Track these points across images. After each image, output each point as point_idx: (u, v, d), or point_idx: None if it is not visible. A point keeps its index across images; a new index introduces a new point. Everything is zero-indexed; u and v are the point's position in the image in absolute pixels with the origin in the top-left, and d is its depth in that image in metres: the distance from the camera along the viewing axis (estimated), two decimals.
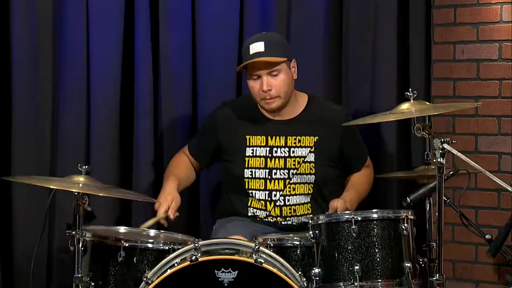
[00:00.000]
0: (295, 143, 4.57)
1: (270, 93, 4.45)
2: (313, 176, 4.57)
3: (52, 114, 4.96)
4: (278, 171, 4.57)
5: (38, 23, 4.93)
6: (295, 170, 4.56)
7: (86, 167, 4.12)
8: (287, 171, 4.57)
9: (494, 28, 4.77)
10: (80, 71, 4.98)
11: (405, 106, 4.22)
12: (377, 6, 5.07)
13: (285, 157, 4.57)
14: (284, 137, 4.57)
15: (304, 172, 4.56)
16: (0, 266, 4.89)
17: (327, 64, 5.19)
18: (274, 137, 4.58)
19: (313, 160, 4.56)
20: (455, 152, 4.00)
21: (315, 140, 4.56)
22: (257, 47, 4.45)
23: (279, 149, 4.57)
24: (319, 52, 5.16)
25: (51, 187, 4.17)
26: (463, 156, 4.08)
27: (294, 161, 4.56)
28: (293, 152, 4.57)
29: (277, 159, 4.57)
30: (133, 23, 5.04)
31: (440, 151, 3.93)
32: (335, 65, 5.20)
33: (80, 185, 4.01)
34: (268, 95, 4.46)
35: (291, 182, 4.57)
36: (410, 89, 4.26)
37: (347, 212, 4.16)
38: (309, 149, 4.56)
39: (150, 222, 4.37)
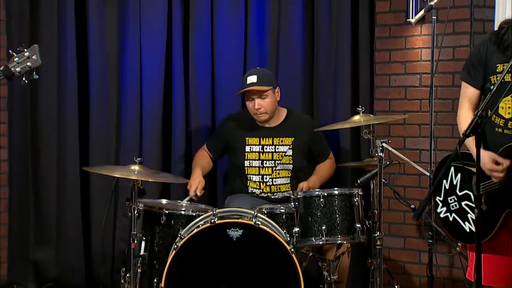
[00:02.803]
0: (278, 142, 4.56)
1: (260, 110, 4.49)
2: (291, 165, 4.56)
3: (116, 123, 4.98)
4: (267, 161, 4.56)
5: (108, 60, 4.94)
6: (279, 161, 4.55)
7: (139, 159, 4.12)
8: (273, 161, 4.55)
9: (416, 65, 4.76)
10: (135, 92, 4.98)
11: (356, 117, 4.24)
12: (337, 52, 5.03)
13: (272, 152, 4.56)
14: (271, 138, 4.57)
15: (285, 162, 4.55)
16: (82, 228, 4.90)
17: (303, 88, 5.14)
18: (264, 138, 4.57)
19: (291, 154, 4.55)
20: (390, 149, 4.00)
21: (292, 140, 4.55)
22: (252, 79, 4.49)
23: (268, 146, 4.57)
24: (298, 79, 5.12)
25: (115, 175, 4.16)
26: (396, 152, 4.08)
27: (278, 155, 4.55)
28: (278, 148, 4.56)
29: (266, 154, 4.56)
30: (171, 59, 5.03)
31: (380, 148, 3.92)
32: (309, 89, 5.15)
33: (135, 172, 4.01)
34: (259, 112, 4.49)
35: (276, 169, 4.56)
36: (360, 106, 4.28)
37: (317, 189, 4.14)
38: (288, 146, 4.55)
39: (186, 199, 4.37)
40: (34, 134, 4.86)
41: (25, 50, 3.36)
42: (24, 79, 3.36)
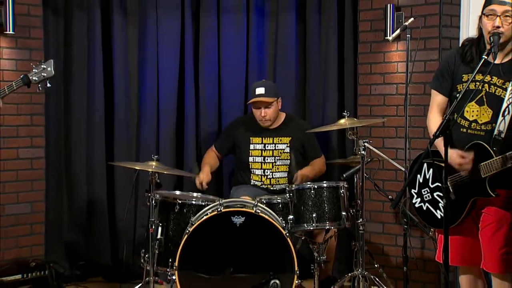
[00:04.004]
0: (278, 141, 4.55)
1: (265, 118, 4.49)
2: (288, 161, 4.53)
3: (137, 127, 4.99)
4: (268, 158, 4.54)
5: (129, 72, 4.93)
6: (278, 157, 4.53)
7: (156, 156, 4.13)
8: (273, 158, 4.54)
9: (393, 76, 4.73)
10: (152, 99, 4.99)
11: (342, 121, 4.23)
12: (326, 65, 5.02)
13: (272, 150, 4.54)
14: (272, 138, 4.56)
15: (283, 158, 4.54)
16: (108, 216, 4.90)
17: (297, 95, 5.12)
18: (266, 138, 4.56)
19: (289, 152, 4.53)
20: (371, 148, 3.99)
21: (289, 139, 4.53)
22: (260, 90, 4.47)
23: (269, 145, 4.55)
24: (292, 88, 5.10)
25: (136, 168, 4.16)
26: (376, 150, 4.07)
27: (278, 152, 4.53)
28: (277, 146, 4.54)
29: (268, 151, 4.55)
30: (184, 70, 5.01)
31: (363, 147, 3.91)
32: (302, 96, 5.14)
33: (153, 167, 4.00)
34: (264, 119, 4.48)
35: (276, 164, 4.54)
36: (345, 111, 4.27)
37: (308, 183, 4.11)
38: (286, 145, 4.53)
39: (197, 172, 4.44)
40: (66, 135, 4.89)
41: (42, 63, 3.40)
42: (39, 86, 3.41)
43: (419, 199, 3.38)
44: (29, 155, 4.65)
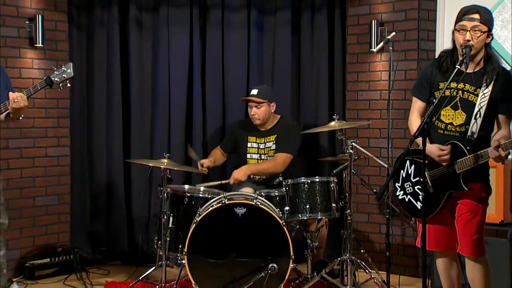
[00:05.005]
0: (267, 140, 4.49)
1: (255, 116, 4.43)
2: None
3: (151, 128, 4.97)
4: (262, 155, 4.50)
5: (144, 81, 4.91)
6: (267, 155, 4.47)
7: (168, 154, 4.11)
8: (266, 155, 4.49)
9: (377, 83, 4.71)
10: (164, 104, 4.95)
11: (332, 123, 4.21)
12: (318, 73, 4.97)
13: (264, 148, 4.49)
14: (263, 138, 4.51)
15: (272, 155, 4.44)
16: (125, 207, 4.89)
17: (292, 99, 5.07)
18: (260, 138, 4.52)
19: (275, 149, 4.44)
20: (358, 147, 3.96)
21: (275, 137, 4.45)
22: (254, 91, 4.44)
23: (261, 144, 4.51)
24: (287, 94, 5.04)
25: (150, 165, 4.14)
26: (362, 149, 4.04)
27: (267, 150, 4.47)
28: (267, 145, 4.49)
29: (261, 149, 4.50)
30: (192, 78, 4.97)
31: (350, 146, 3.88)
32: (296, 100, 5.09)
33: (165, 164, 3.98)
34: (254, 117, 4.44)
35: None
36: (335, 114, 4.25)
37: (302, 178, 4.06)
38: (272, 142, 4.46)
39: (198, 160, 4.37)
40: (89, 136, 4.89)
41: (63, 65, 3.39)
42: (60, 86, 3.39)
43: (402, 192, 3.37)
44: (56, 153, 4.65)
